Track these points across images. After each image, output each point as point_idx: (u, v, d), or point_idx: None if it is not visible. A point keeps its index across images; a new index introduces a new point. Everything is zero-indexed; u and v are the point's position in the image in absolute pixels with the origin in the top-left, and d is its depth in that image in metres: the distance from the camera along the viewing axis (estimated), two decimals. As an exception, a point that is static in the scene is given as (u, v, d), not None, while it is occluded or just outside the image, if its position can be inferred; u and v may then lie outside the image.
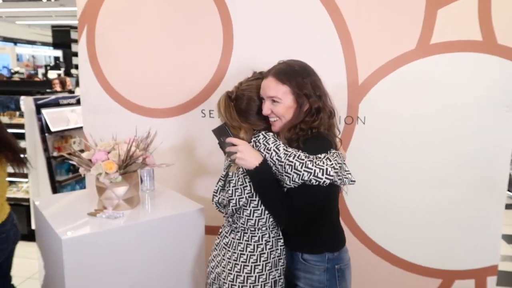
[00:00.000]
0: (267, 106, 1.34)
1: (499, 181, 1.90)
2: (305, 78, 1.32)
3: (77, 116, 4.12)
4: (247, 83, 1.43)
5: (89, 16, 2.14)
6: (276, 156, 1.29)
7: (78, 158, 1.61)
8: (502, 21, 1.77)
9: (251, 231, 1.38)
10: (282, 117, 1.34)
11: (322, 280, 1.36)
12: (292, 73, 1.32)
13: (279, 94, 1.31)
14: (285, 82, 1.31)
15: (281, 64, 1.37)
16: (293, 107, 1.32)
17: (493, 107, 1.83)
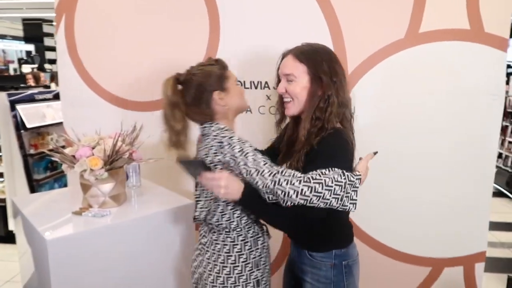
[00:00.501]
0: (282, 84, 1.32)
1: (487, 170, 1.92)
2: (325, 61, 1.26)
3: (54, 112, 3.98)
4: (199, 68, 1.32)
5: (67, 5, 2.04)
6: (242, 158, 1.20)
7: (61, 155, 1.53)
8: (489, 9, 1.77)
9: (226, 232, 1.32)
10: (295, 97, 1.28)
11: (329, 276, 1.33)
12: (312, 54, 1.27)
13: (294, 72, 1.27)
14: (302, 61, 1.27)
15: (304, 45, 1.32)
16: (307, 87, 1.26)
17: (481, 96, 1.84)
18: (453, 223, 1.96)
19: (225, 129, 1.29)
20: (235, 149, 1.21)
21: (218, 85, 1.30)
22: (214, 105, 1.31)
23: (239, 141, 1.23)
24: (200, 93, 1.29)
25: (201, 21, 1.95)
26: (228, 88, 1.32)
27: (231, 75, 1.36)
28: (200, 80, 1.29)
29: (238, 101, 1.36)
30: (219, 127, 1.30)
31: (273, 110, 1.96)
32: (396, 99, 1.89)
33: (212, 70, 1.31)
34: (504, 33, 1.79)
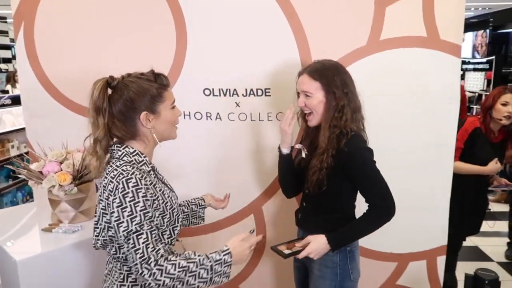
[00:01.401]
0: (301, 99, 1.52)
1: (446, 167, 2.03)
2: (336, 76, 1.47)
3: (13, 118, 3.83)
4: (135, 79, 1.21)
5: (26, 12, 1.97)
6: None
7: (27, 171, 1.49)
8: (444, 18, 1.87)
9: (123, 261, 1.21)
10: (314, 110, 1.50)
11: (335, 260, 1.53)
12: (323, 71, 1.48)
13: (311, 89, 1.48)
14: (316, 79, 1.47)
15: (316, 63, 1.53)
16: (323, 101, 1.48)
17: (439, 99, 1.94)
18: (416, 220, 2.06)
19: (135, 154, 1.20)
20: (115, 201, 1.10)
21: (149, 106, 1.19)
22: (139, 125, 1.20)
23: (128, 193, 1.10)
24: (127, 108, 1.18)
25: (168, 29, 1.94)
26: (159, 112, 1.22)
27: (168, 97, 1.25)
28: (131, 95, 1.18)
29: (166, 129, 1.26)
30: (128, 151, 1.20)
31: (242, 116, 2.00)
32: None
33: (148, 88, 1.19)
34: (458, 40, 1.90)
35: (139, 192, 1.11)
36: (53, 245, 1.38)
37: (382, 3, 1.87)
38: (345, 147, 1.44)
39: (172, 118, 1.27)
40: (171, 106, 1.26)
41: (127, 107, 1.18)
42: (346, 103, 1.46)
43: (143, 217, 1.10)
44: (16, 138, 3.84)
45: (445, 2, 1.85)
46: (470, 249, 3.58)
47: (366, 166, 1.47)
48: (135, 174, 1.12)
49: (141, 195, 1.11)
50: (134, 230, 1.09)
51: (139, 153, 1.22)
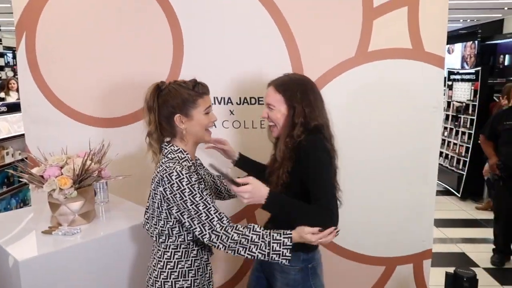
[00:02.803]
0: (264, 111, 1.51)
1: (430, 173, 2.12)
2: (299, 91, 1.44)
3: (9, 125, 3.86)
4: (175, 85, 1.38)
5: (28, 22, 2.03)
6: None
7: (29, 175, 1.54)
8: (428, 31, 1.98)
9: (162, 240, 1.40)
10: (276, 122, 1.48)
11: (297, 279, 1.48)
12: (289, 85, 1.46)
13: (273, 101, 1.47)
14: (280, 92, 1.46)
15: (284, 76, 1.52)
16: (285, 115, 1.46)
17: (423, 108, 2.04)
18: (402, 225, 2.15)
19: (178, 152, 1.38)
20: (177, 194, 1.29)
21: (182, 109, 1.37)
22: (175, 126, 1.38)
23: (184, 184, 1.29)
24: (167, 110, 1.37)
25: (165, 39, 2.02)
26: (192, 116, 1.38)
27: (203, 103, 1.39)
28: (168, 98, 1.37)
29: (198, 131, 1.41)
30: (172, 149, 1.39)
31: (236, 124, 2.08)
32: (349, 111, 2.05)
33: (182, 93, 1.36)
34: (441, 52, 2.00)
35: (182, 181, 1.29)
36: (53, 247, 1.43)
37: (369, 16, 1.97)
38: (302, 149, 1.39)
39: (204, 122, 1.41)
40: (204, 111, 1.41)
41: (168, 109, 1.37)
42: (302, 121, 1.41)
43: (194, 199, 1.28)
44: (11, 146, 3.86)
45: (429, 16, 1.96)
46: (457, 255, 3.67)
47: (317, 167, 1.37)
48: (176, 168, 1.30)
49: (185, 183, 1.29)
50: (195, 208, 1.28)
51: (182, 150, 1.40)
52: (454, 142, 5.63)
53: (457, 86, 5.68)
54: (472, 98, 5.27)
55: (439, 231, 4.14)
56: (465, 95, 5.46)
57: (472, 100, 5.25)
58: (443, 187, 5.62)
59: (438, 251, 3.49)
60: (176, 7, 1.99)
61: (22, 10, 2.02)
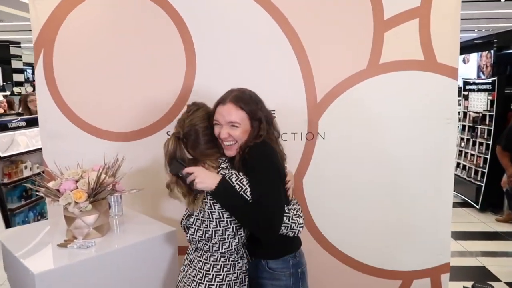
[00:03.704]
0: (225, 130, 1.42)
1: (446, 184, 2.09)
2: (258, 104, 1.47)
3: (27, 140, 3.95)
4: (190, 118, 1.46)
5: (46, 40, 2.10)
6: None
7: (45, 189, 1.57)
8: (440, 42, 1.97)
9: (212, 251, 1.45)
10: (239, 140, 1.43)
11: (288, 285, 1.48)
12: (248, 100, 1.45)
13: (238, 119, 1.42)
14: (243, 109, 1.43)
15: (235, 91, 1.48)
16: (248, 130, 1.44)
17: (437, 120, 2.02)
18: (418, 238, 2.11)
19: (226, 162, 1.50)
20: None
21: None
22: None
23: None
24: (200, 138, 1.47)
25: (178, 56, 2.06)
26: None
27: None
28: (195, 128, 1.46)
29: None
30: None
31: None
32: (362, 123, 2.04)
33: (200, 115, 1.47)
34: (454, 63, 1.99)
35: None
36: (68, 260, 1.45)
37: (380, 29, 1.98)
38: (247, 154, 1.39)
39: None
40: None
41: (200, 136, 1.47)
42: (267, 129, 1.45)
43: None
44: (29, 159, 3.95)
45: (441, 27, 1.96)
46: (477, 269, 3.57)
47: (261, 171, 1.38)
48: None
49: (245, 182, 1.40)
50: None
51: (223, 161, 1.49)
52: (471, 153, 5.53)
53: (473, 96, 5.60)
54: (488, 108, 5.19)
55: (458, 244, 4.04)
56: (481, 105, 5.37)
57: (489, 110, 5.16)
58: (461, 199, 5.50)
59: (457, 265, 3.40)
60: (189, 24, 2.03)
61: (41, 28, 2.09)
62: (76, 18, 2.08)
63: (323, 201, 2.11)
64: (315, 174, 2.08)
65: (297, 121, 2.03)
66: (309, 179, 2.09)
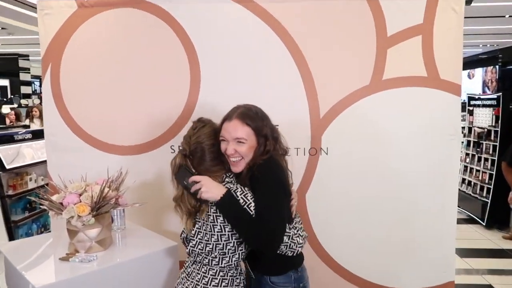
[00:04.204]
0: (231, 146, 1.43)
1: (450, 199, 2.07)
2: (264, 121, 1.47)
3: (33, 152, 3.98)
4: (196, 136, 1.46)
5: (54, 54, 2.14)
6: None
7: (49, 202, 1.58)
8: (443, 59, 1.98)
9: (211, 265, 1.44)
10: (245, 156, 1.43)
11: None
12: (254, 116, 1.46)
13: (245, 135, 1.42)
14: (249, 125, 1.44)
15: (240, 108, 1.49)
16: (255, 146, 1.44)
17: (440, 136, 2.01)
18: (422, 255, 2.09)
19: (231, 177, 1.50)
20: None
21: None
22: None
23: None
24: (206, 156, 1.47)
25: (183, 72, 2.08)
26: None
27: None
28: (201, 146, 1.46)
29: None
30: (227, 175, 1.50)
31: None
32: (365, 138, 2.04)
33: (206, 132, 1.47)
34: (457, 79, 1.99)
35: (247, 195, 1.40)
36: (70, 274, 1.45)
37: (383, 45, 1.99)
38: (256, 170, 1.39)
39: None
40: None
41: (206, 153, 1.48)
42: (273, 145, 1.45)
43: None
44: (34, 171, 3.97)
45: (444, 44, 1.97)
46: (483, 287, 3.50)
47: (266, 187, 1.38)
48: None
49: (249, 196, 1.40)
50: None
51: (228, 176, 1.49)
52: (476, 169, 5.48)
53: (478, 112, 5.58)
54: (494, 123, 5.17)
55: (463, 261, 3.98)
56: (486, 120, 5.35)
57: (494, 126, 5.14)
58: (467, 215, 5.43)
59: (463, 283, 3.35)
60: (194, 40, 2.06)
61: (49, 43, 2.13)
62: (84, 34, 2.12)
63: (326, 216, 2.10)
64: (318, 189, 2.08)
65: (300, 137, 2.03)
66: (312, 195, 2.08)
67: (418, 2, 1.97)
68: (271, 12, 2.01)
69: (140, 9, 2.08)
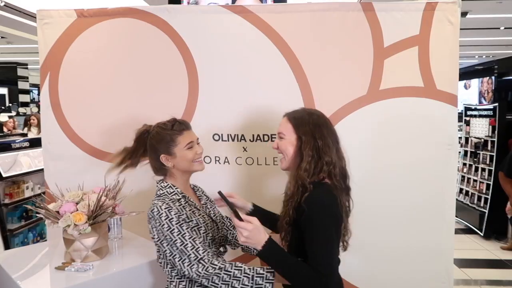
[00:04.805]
0: (276, 140, 1.49)
1: (448, 211, 2.07)
2: (311, 123, 1.41)
3: (30, 160, 3.97)
4: (157, 129, 1.52)
5: (53, 63, 2.15)
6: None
7: (45, 211, 1.58)
8: (439, 69, 2.00)
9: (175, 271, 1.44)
10: (284, 153, 1.44)
11: None
12: (301, 117, 1.44)
13: (284, 130, 1.45)
14: (291, 121, 1.44)
15: (300, 108, 1.52)
16: (294, 144, 1.41)
17: (437, 146, 2.02)
18: (420, 266, 2.07)
19: (167, 187, 1.49)
20: (163, 227, 1.37)
21: (165, 149, 1.48)
22: (164, 165, 1.50)
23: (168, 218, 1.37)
24: (153, 153, 1.51)
25: (181, 79, 2.09)
26: (175, 153, 1.48)
27: (182, 140, 1.48)
28: (152, 142, 1.51)
29: (186, 165, 1.50)
30: (162, 186, 1.50)
31: (249, 161, 2.09)
32: (362, 148, 2.04)
33: (162, 135, 1.48)
34: (454, 90, 2.01)
35: (162, 217, 1.37)
36: (66, 283, 1.44)
37: (380, 56, 2.01)
38: (304, 202, 1.33)
39: (188, 156, 1.49)
40: (186, 147, 1.49)
41: (155, 152, 1.50)
42: (311, 153, 1.37)
43: (172, 234, 1.35)
44: (31, 180, 3.95)
45: (440, 55, 1.99)
46: (482, 298, 3.49)
47: (318, 229, 1.30)
48: (157, 205, 1.39)
49: (164, 219, 1.37)
50: (177, 240, 1.34)
51: (171, 185, 1.50)
52: (474, 179, 5.50)
53: (474, 122, 5.62)
54: (490, 134, 5.19)
55: (461, 271, 3.97)
56: (483, 131, 5.38)
57: (491, 136, 5.17)
58: (465, 225, 5.43)
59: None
60: (192, 49, 2.07)
61: (48, 52, 2.14)
62: (83, 43, 2.13)
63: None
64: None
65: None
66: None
67: (415, 13, 2.00)
68: (269, 23, 2.02)
69: (139, 19, 2.09)
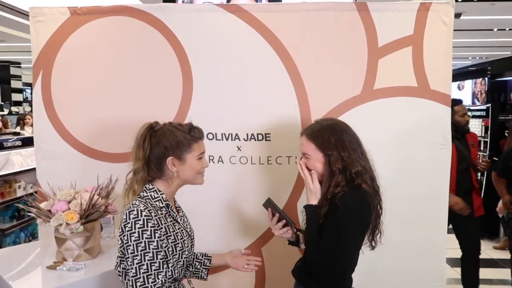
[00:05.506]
0: (303, 159, 1.50)
1: (441, 211, 2.08)
2: (332, 136, 1.43)
3: (22, 159, 3.94)
4: (171, 127, 1.38)
5: (45, 61, 2.13)
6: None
7: (37, 209, 1.56)
8: (433, 69, 2.01)
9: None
10: (314, 169, 1.47)
11: None
12: (319, 132, 1.46)
13: (308, 151, 1.47)
14: (312, 140, 1.46)
15: (315, 123, 1.52)
16: (323, 162, 1.44)
17: (430, 146, 2.03)
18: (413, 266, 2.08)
19: (152, 190, 1.34)
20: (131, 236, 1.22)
21: (177, 153, 1.36)
22: (165, 168, 1.36)
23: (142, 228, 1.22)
24: (160, 152, 1.35)
25: (175, 78, 2.08)
26: (185, 160, 1.37)
27: (197, 148, 1.40)
28: (162, 139, 1.35)
29: (190, 175, 1.40)
30: (147, 188, 1.35)
31: (243, 160, 2.09)
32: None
33: (177, 136, 1.36)
34: (447, 90, 2.02)
35: (137, 223, 1.23)
36: (57, 282, 1.42)
37: (374, 55, 2.02)
38: (338, 200, 1.37)
39: (196, 167, 1.41)
40: (198, 156, 1.40)
41: (160, 150, 1.35)
42: (340, 168, 1.41)
43: (137, 247, 1.21)
44: (23, 179, 3.92)
45: (434, 55, 2.00)
46: (474, 297, 3.50)
47: (338, 226, 1.37)
48: (139, 207, 1.25)
49: (137, 226, 1.22)
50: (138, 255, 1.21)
51: (157, 190, 1.36)
52: (466, 179, 5.53)
53: (467, 123, 5.65)
54: (483, 134, 5.24)
55: (454, 271, 3.98)
56: (476, 131, 5.42)
57: (484, 137, 5.21)
58: (458, 225, 5.46)
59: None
60: (187, 47, 2.06)
61: (40, 50, 2.12)
62: (76, 41, 2.11)
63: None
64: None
65: (292, 145, 2.03)
66: (303, 202, 2.05)
67: (409, 14, 2.00)
68: (264, 22, 2.02)
69: (133, 17, 2.08)
